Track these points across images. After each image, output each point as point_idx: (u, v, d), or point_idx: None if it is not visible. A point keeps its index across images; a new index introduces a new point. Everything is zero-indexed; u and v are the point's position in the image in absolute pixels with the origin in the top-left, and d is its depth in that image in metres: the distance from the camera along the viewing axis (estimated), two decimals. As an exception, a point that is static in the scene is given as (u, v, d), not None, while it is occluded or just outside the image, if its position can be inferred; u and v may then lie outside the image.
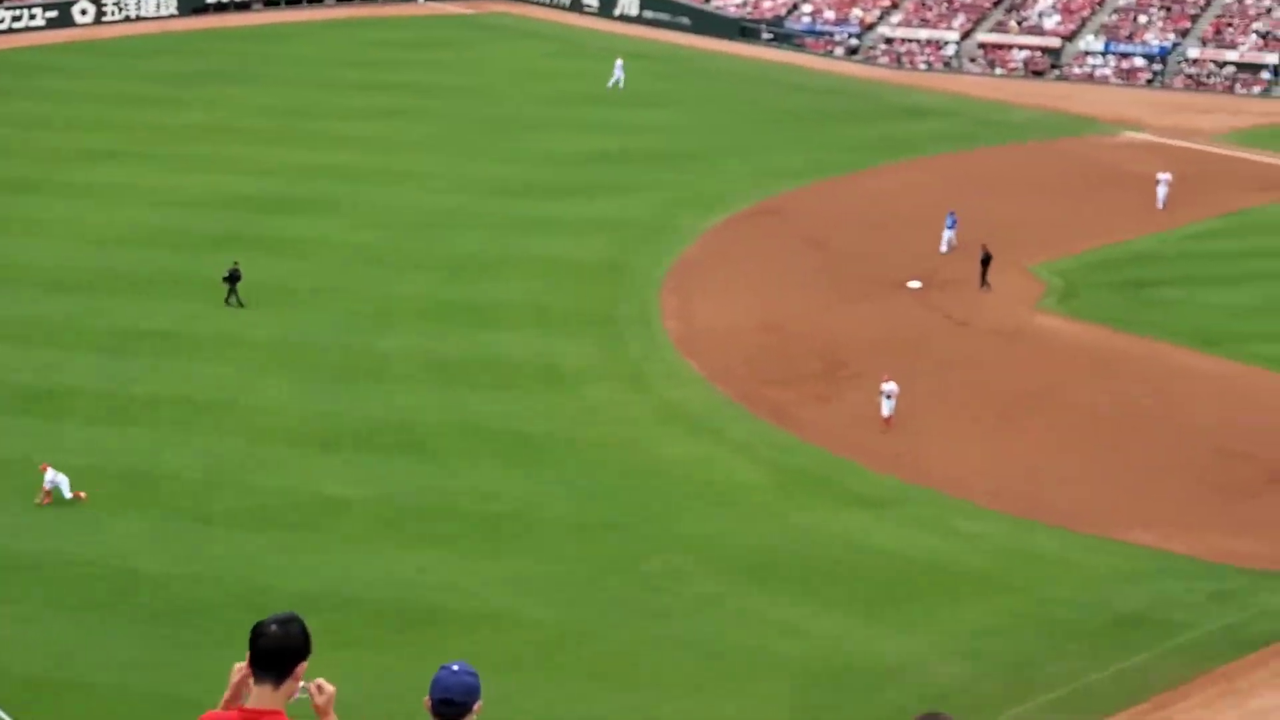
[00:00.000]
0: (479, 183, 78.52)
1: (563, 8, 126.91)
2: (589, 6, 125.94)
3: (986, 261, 64.09)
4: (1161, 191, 75.01)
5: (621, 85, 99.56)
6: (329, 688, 8.62)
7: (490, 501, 46.21)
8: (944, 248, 67.79)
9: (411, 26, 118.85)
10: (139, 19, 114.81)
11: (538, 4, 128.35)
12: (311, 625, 8.79)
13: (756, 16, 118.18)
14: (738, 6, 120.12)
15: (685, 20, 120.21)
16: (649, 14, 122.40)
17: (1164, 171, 76.11)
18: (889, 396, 50.34)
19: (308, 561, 42.95)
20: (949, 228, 68.33)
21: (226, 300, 60.80)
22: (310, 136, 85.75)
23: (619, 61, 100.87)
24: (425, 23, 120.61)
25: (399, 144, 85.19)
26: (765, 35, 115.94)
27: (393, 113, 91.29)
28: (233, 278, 60.96)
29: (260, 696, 8.60)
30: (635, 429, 51.61)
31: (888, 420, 50.33)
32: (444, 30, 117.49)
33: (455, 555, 43.24)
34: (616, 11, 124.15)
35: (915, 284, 64.39)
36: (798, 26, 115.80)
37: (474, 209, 74.56)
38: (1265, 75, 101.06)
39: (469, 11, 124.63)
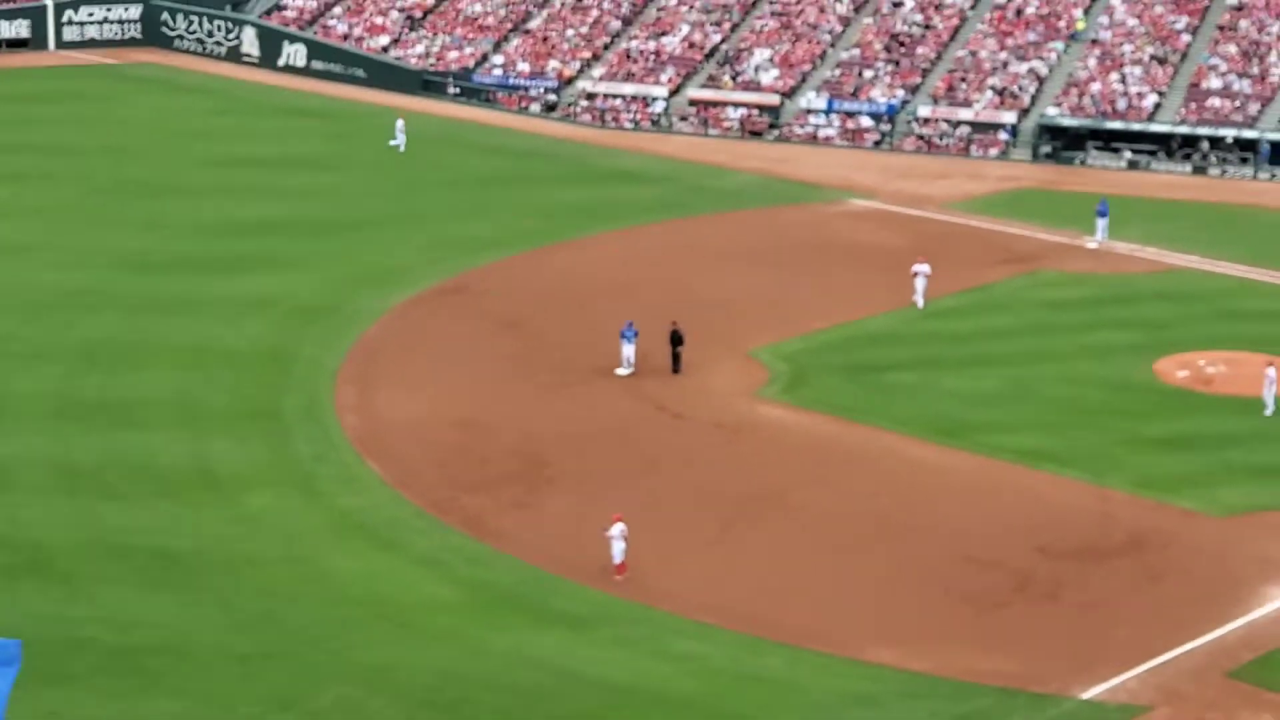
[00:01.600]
0: (112, 256, 77.03)
1: (218, 58, 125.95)
2: (249, 57, 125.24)
3: (677, 342, 64.63)
4: (920, 284, 73.08)
5: (403, 148, 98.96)
6: None
7: (132, 632, 44.95)
8: (623, 369, 64.64)
9: (40, 78, 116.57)
10: None
11: (188, 53, 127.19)
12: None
13: (441, 69, 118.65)
14: (420, 58, 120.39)
15: (360, 72, 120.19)
16: (318, 65, 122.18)
17: (921, 262, 74.11)
18: (616, 539, 48.15)
19: (-90, 709, 41.18)
20: (628, 340, 64.68)
21: None
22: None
23: (400, 122, 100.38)
24: (57, 74, 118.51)
25: (13, 212, 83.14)
26: (452, 89, 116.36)
27: (7, 177, 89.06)
28: None
29: None
30: (305, 543, 50.76)
31: (619, 567, 48.39)
32: (81, 82, 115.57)
33: (92, 696, 41.91)
34: (281, 62, 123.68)
35: (623, 371, 64.68)
36: (488, 80, 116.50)
37: (106, 287, 73.05)
38: (1003, 135, 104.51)
39: (110, 61, 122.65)
